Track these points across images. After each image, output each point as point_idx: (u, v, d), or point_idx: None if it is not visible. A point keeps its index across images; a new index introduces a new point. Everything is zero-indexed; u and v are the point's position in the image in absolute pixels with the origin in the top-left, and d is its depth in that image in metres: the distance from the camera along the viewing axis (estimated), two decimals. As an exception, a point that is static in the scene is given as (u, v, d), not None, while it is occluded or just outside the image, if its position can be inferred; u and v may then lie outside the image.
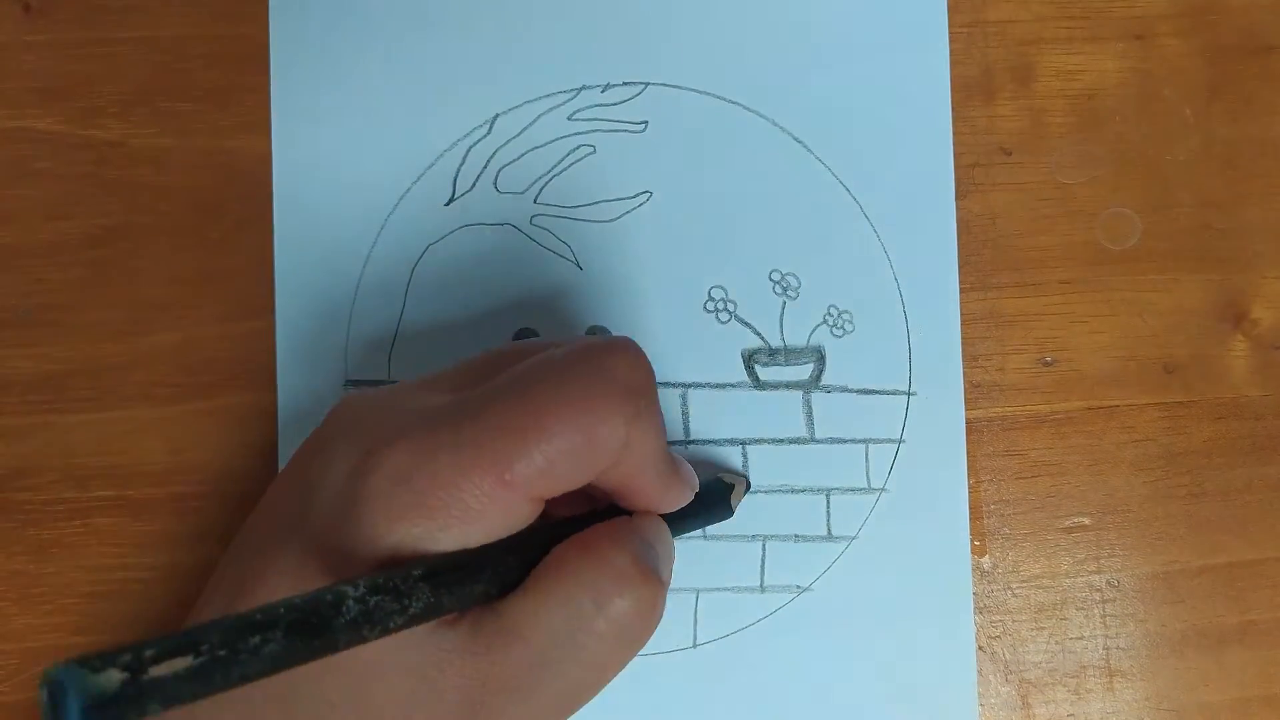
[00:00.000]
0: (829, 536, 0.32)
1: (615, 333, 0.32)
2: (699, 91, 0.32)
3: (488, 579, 0.22)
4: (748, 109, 0.32)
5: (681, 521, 0.27)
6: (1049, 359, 0.33)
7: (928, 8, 0.33)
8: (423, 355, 0.32)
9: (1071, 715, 0.32)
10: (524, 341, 0.27)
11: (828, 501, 0.32)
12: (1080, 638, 0.32)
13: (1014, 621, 0.32)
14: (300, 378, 0.31)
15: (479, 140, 0.32)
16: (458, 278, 0.32)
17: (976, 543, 0.32)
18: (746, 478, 0.32)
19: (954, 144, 0.33)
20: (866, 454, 0.32)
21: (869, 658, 0.31)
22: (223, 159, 0.32)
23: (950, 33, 0.33)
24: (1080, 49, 0.33)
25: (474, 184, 0.32)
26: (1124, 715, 0.32)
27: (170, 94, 0.32)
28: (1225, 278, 0.33)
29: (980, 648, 0.32)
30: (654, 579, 0.23)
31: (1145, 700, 0.32)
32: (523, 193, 0.32)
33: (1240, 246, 0.33)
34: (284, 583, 0.22)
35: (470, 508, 0.21)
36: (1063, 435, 0.32)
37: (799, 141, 0.32)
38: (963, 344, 0.32)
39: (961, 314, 0.32)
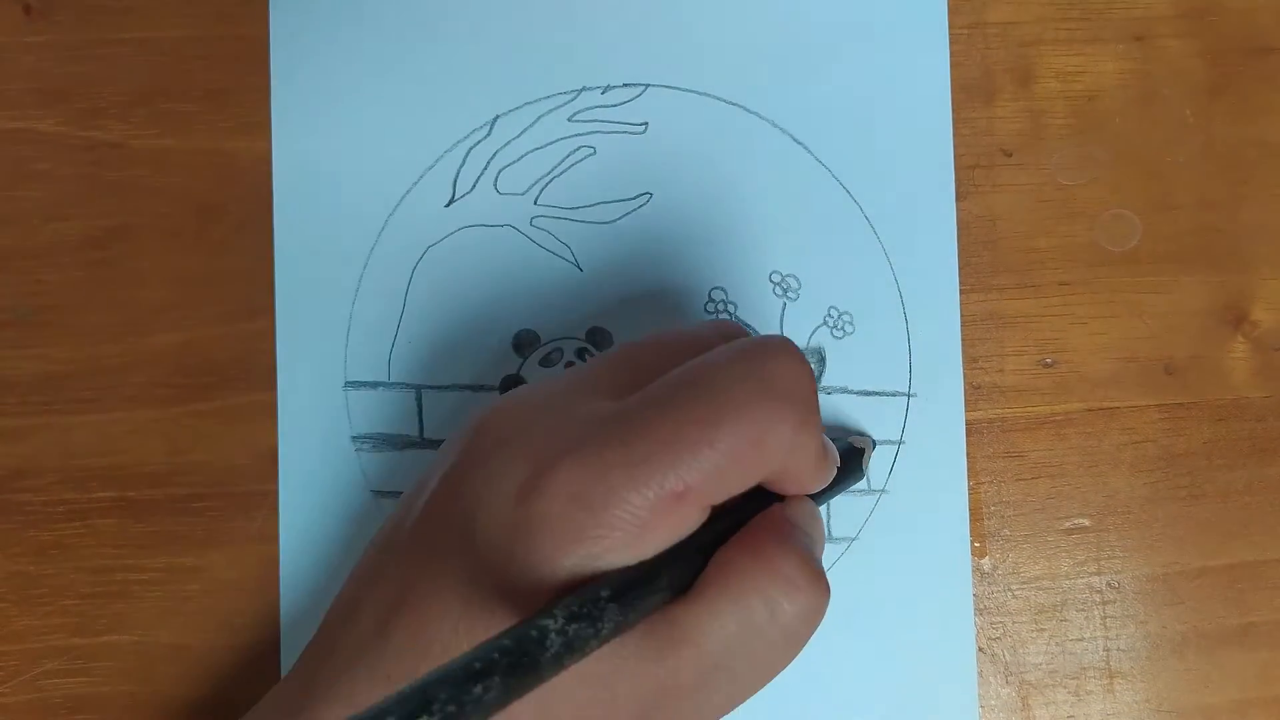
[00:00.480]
0: (829, 537, 0.32)
1: (615, 334, 0.32)
2: (699, 93, 0.32)
3: (664, 588, 0.22)
4: (748, 110, 0.32)
5: (822, 494, 0.27)
6: (1049, 360, 0.33)
7: (928, 9, 0.33)
8: (423, 356, 0.32)
9: (1072, 717, 0.32)
10: (665, 334, 0.26)
11: (828, 503, 0.32)
12: (1080, 639, 0.32)
13: (1014, 623, 0.32)
14: (300, 378, 0.31)
15: (479, 141, 0.32)
16: (458, 279, 0.32)
17: (976, 544, 0.32)
18: (871, 437, 0.32)
19: (954, 145, 0.33)
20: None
21: (869, 659, 0.31)
22: (223, 160, 0.32)
23: (950, 34, 0.33)
24: (1080, 50, 0.33)
25: (474, 185, 0.32)
26: (1124, 717, 0.32)
27: (170, 95, 0.32)
28: (1225, 279, 0.33)
29: (980, 649, 0.32)
30: (822, 581, 0.23)
31: (1145, 702, 0.32)
32: (523, 194, 0.32)
33: (1240, 247, 0.33)
34: (452, 608, 0.22)
35: (645, 523, 0.21)
36: (1063, 437, 0.32)
37: (799, 143, 0.32)
38: (963, 345, 0.32)
39: (961, 315, 0.32)
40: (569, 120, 0.32)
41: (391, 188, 0.32)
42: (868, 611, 0.31)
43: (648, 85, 0.32)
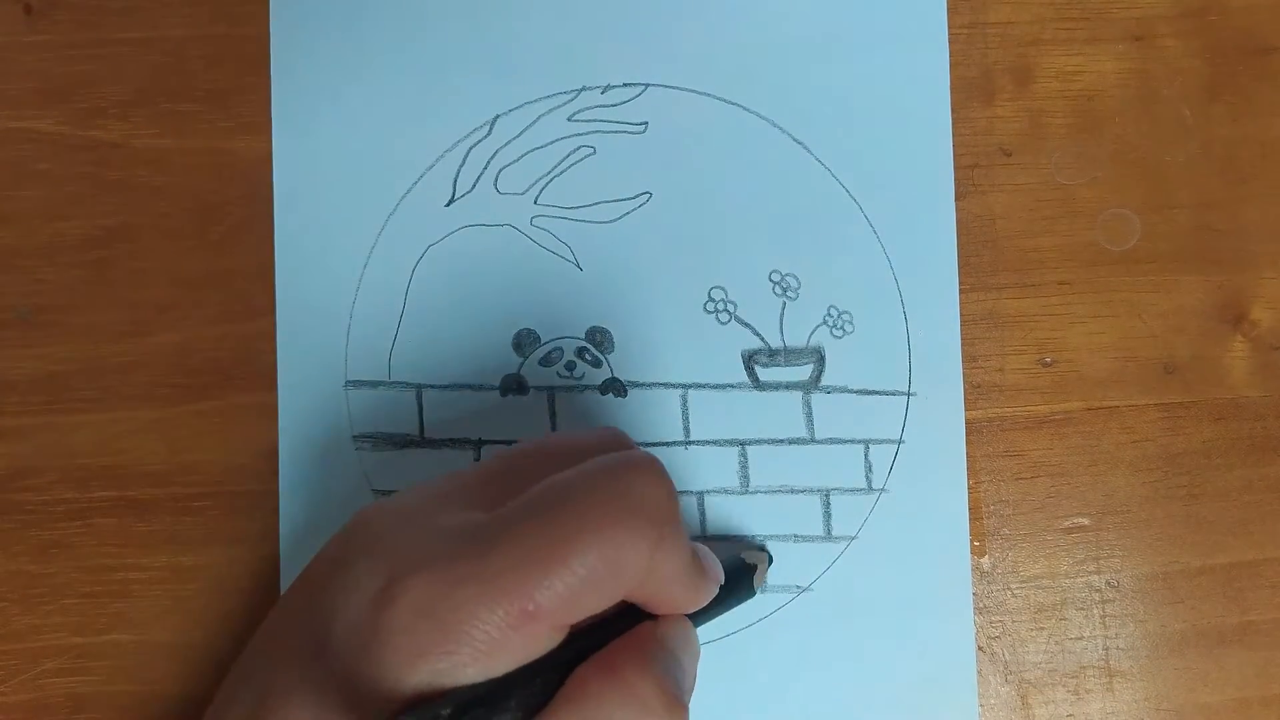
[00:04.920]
0: (829, 537, 0.32)
1: (614, 334, 0.32)
2: (699, 92, 0.32)
3: (514, 707, 0.22)
4: (747, 110, 0.32)
5: (706, 613, 0.27)
6: (1048, 360, 0.33)
7: (927, 9, 0.33)
8: (423, 356, 0.32)
9: (1071, 715, 0.32)
10: (549, 441, 0.26)
11: (827, 502, 0.32)
12: (1080, 638, 0.32)
13: (1014, 622, 0.32)
14: (300, 378, 0.31)
15: (479, 141, 0.32)
16: (458, 278, 0.32)
17: (976, 543, 0.32)
18: (768, 551, 0.31)
19: (954, 145, 0.33)
20: (866, 454, 0.32)
21: (869, 658, 0.31)
22: (223, 160, 0.32)
23: (950, 34, 0.33)
24: (1079, 50, 0.33)
25: (474, 185, 0.32)
26: (1123, 716, 0.32)
27: (171, 95, 0.32)
28: (1225, 278, 0.33)
29: (980, 648, 0.32)
30: (678, 708, 0.23)
31: (1145, 701, 0.32)
32: (523, 193, 0.32)
33: (1240, 247, 0.33)
34: (304, 715, 0.22)
35: (495, 640, 0.21)
36: (1062, 436, 0.32)
37: (799, 142, 0.32)
38: (962, 344, 0.32)
39: (961, 314, 0.32)
40: (569, 120, 0.32)
41: (391, 188, 0.32)
42: (868, 611, 0.32)
43: (647, 85, 0.32)
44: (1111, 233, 0.33)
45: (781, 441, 0.32)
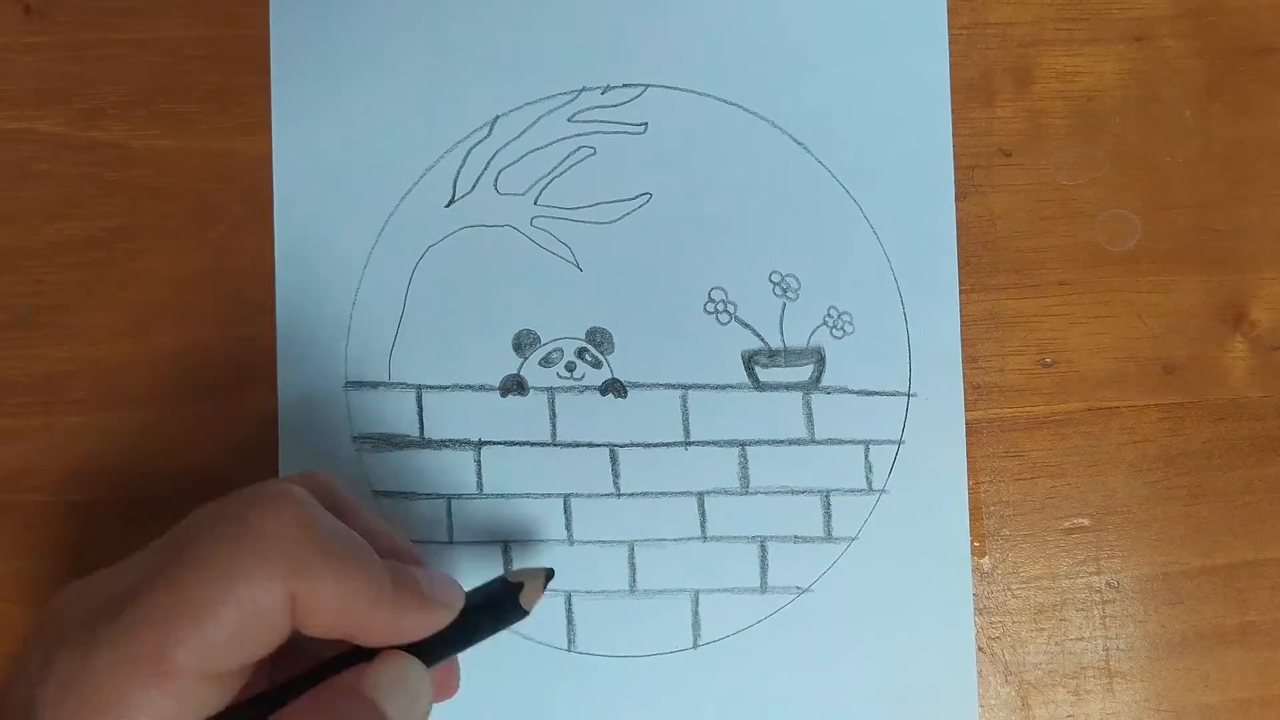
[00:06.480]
0: (829, 537, 0.32)
1: (614, 334, 0.32)
2: (698, 93, 0.32)
3: None
4: (747, 110, 0.32)
5: (457, 639, 0.25)
6: (1048, 360, 0.33)
7: (927, 10, 0.33)
8: (423, 357, 0.32)
9: (1071, 716, 0.32)
10: (216, 503, 0.25)
11: (828, 502, 0.32)
12: (1080, 639, 0.32)
13: (1014, 622, 0.32)
14: (300, 379, 0.31)
15: (479, 142, 0.32)
16: (458, 279, 0.32)
17: (976, 544, 0.32)
18: (548, 569, 0.28)
19: (953, 145, 0.33)
20: (866, 455, 0.32)
21: (869, 658, 0.31)
22: (223, 160, 0.32)
23: (950, 34, 0.33)
24: (1079, 51, 0.33)
25: (474, 185, 0.32)
26: (1123, 716, 0.32)
27: (171, 95, 0.32)
28: (1224, 279, 0.33)
29: (980, 649, 0.32)
30: None
31: (1145, 701, 0.32)
32: (523, 194, 0.32)
33: (1240, 247, 0.33)
34: None
35: (133, 703, 0.21)
36: (1062, 436, 0.32)
37: (799, 143, 0.32)
38: (962, 345, 0.32)
39: (961, 315, 0.32)
40: (569, 120, 0.32)
41: (392, 188, 0.32)
42: (868, 611, 0.31)
43: (648, 85, 0.32)
44: (1111, 233, 0.33)
45: (781, 442, 0.32)
